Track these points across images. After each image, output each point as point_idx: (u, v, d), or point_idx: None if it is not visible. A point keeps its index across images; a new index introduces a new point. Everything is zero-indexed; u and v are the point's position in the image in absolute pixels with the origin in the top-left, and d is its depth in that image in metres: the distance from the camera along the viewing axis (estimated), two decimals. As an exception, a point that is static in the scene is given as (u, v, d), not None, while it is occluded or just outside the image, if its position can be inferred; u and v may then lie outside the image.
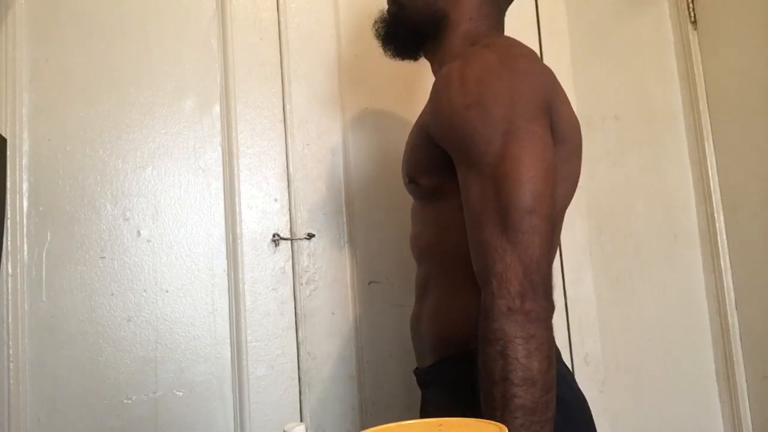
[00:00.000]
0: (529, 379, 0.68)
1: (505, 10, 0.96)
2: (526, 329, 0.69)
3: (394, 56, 1.02)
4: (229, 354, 1.22)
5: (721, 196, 1.56)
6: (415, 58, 1.01)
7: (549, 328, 0.71)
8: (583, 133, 0.90)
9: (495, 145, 0.73)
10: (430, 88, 0.85)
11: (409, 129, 1.23)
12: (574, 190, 0.89)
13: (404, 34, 0.97)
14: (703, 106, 1.58)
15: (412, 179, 0.91)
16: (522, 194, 0.71)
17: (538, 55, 1.51)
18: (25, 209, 1.14)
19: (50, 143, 1.16)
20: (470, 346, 0.75)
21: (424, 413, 0.91)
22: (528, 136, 0.73)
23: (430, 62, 0.99)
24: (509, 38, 0.89)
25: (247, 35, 1.30)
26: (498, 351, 0.69)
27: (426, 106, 0.90)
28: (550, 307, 0.71)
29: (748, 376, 1.50)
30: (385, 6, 1.01)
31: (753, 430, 1.49)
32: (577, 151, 0.87)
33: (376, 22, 1.01)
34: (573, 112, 0.87)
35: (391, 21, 0.99)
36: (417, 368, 0.93)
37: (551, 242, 0.73)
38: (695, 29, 1.61)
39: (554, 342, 0.73)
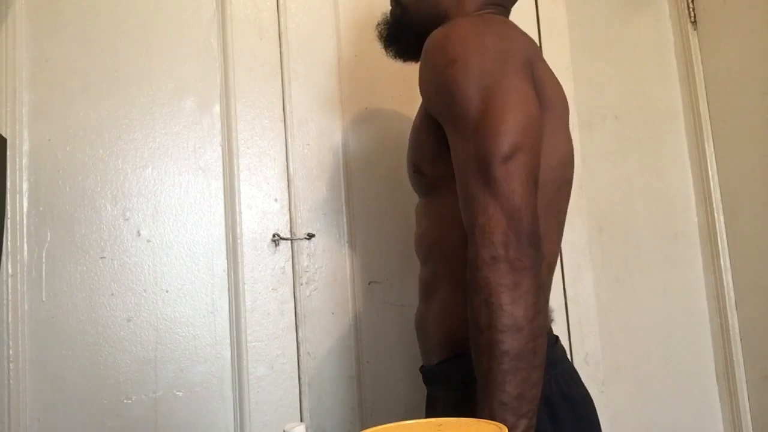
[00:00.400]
0: (513, 326, 0.68)
1: (510, 9, 0.96)
2: (511, 277, 0.69)
3: (396, 57, 1.02)
4: (229, 354, 1.22)
5: (721, 196, 1.56)
6: (416, 60, 1.01)
7: (536, 276, 0.70)
8: (583, 133, 0.91)
9: (476, 100, 0.74)
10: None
11: (408, 128, 1.23)
12: (570, 166, 0.88)
13: (407, 35, 0.97)
14: (703, 106, 1.59)
15: (416, 168, 0.91)
16: (500, 143, 0.71)
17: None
18: (25, 209, 1.14)
19: (50, 143, 1.16)
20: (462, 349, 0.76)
21: (431, 411, 0.91)
22: (509, 88, 0.74)
23: None
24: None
25: (247, 35, 1.30)
26: (483, 299, 0.69)
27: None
28: (537, 256, 0.71)
29: (748, 376, 1.50)
30: (387, 8, 1.01)
31: (753, 430, 1.49)
32: (563, 119, 0.87)
33: (379, 24, 1.01)
34: (557, 80, 0.87)
35: (393, 23, 0.99)
36: (423, 366, 0.93)
37: (534, 192, 0.72)
38: (695, 29, 1.61)
39: (543, 290, 0.72)
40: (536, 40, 1.53)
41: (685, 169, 1.62)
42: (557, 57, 1.52)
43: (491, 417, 0.68)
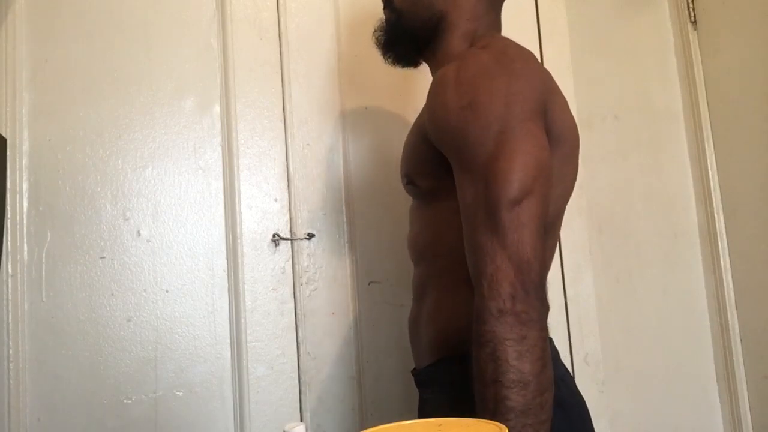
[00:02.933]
0: (520, 381, 0.67)
1: (500, 7, 0.96)
2: (517, 331, 0.68)
3: (394, 64, 1.02)
4: (229, 354, 1.22)
5: (721, 196, 1.56)
6: (416, 65, 1.01)
7: (542, 329, 0.70)
8: (583, 133, 0.90)
9: (488, 146, 0.73)
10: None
11: (408, 129, 1.23)
12: (571, 192, 0.89)
13: (404, 40, 0.96)
14: (703, 106, 1.59)
15: (410, 180, 0.91)
16: (510, 191, 0.70)
17: (538, 55, 1.51)
18: (25, 209, 1.14)
19: (50, 143, 1.16)
20: (468, 346, 0.75)
21: (422, 413, 0.91)
22: (521, 135, 0.73)
23: (429, 66, 0.99)
24: (506, 39, 0.89)
25: (247, 35, 1.30)
26: (489, 353, 0.68)
27: (424, 108, 0.90)
28: (544, 309, 0.71)
29: (748, 376, 1.50)
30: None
31: (753, 430, 1.49)
32: (573, 153, 0.87)
33: (375, 30, 1.01)
34: (570, 114, 0.86)
35: (389, 29, 0.98)
36: (414, 369, 0.93)
37: (543, 242, 0.72)
38: (695, 29, 1.61)
39: (549, 344, 0.72)
40: (536, 40, 1.54)
41: (685, 169, 1.62)
42: (557, 57, 1.52)
43: None
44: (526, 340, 0.68)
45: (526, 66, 0.80)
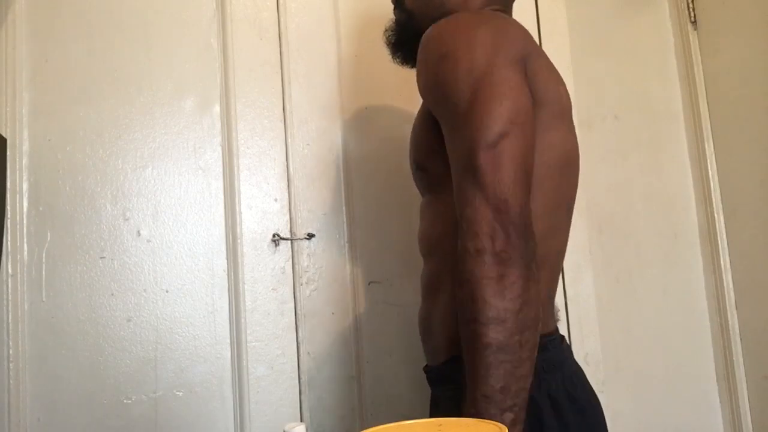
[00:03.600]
0: (496, 318, 0.67)
1: (511, 6, 0.95)
2: (496, 269, 0.68)
3: (403, 64, 1.02)
4: (229, 354, 1.22)
5: (721, 196, 1.56)
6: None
7: (524, 267, 0.69)
8: (583, 133, 0.90)
9: (465, 93, 0.73)
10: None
11: (409, 128, 1.23)
12: (573, 164, 0.86)
13: (415, 40, 0.94)
14: (703, 106, 1.59)
15: (419, 165, 0.90)
16: (486, 135, 0.70)
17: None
18: (25, 209, 1.14)
19: (50, 143, 1.16)
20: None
21: (435, 411, 0.91)
22: (497, 80, 0.73)
23: None
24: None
25: (247, 35, 1.30)
26: (467, 292, 0.69)
27: None
28: (527, 247, 0.70)
29: (748, 376, 1.50)
30: (387, 9, 1.00)
31: (753, 430, 1.49)
32: (562, 116, 0.84)
33: (386, 30, 1.01)
34: (556, 78, 0.85)
35: (400, 29, 0.98)
36: (427, 366, 0.92)
37: (525, 184, 0.71)
38: (695, 29, 1.61)
39: (534, 283, 0.71)
40: (536, 40, 1.53)
41: (685, 169, 1.62)
42: (557, 57, 1.51)
43: (475, 410, 0.68)
44: (504, 278, 0.68)
45: (510, 23, 0.81)
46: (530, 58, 0.79)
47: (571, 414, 0.79)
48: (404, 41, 0.98)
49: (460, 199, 0.73)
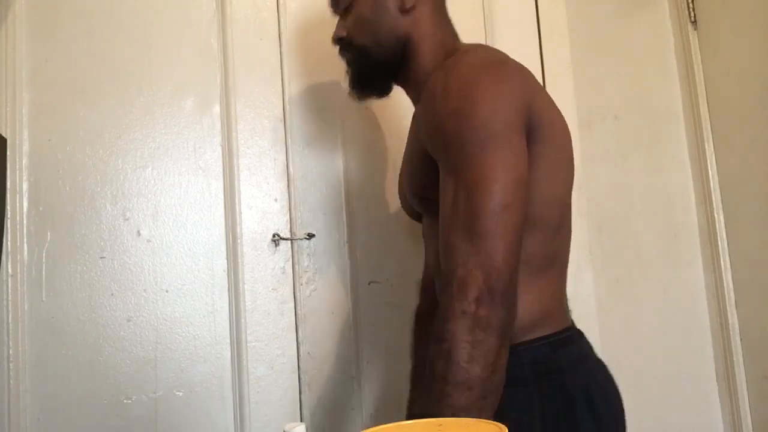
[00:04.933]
0: (464, 383, 0.70)
1: (448, 14, 0.98)
2: (474, 335, 0.70)
3: (379, 97, 1.03)
4: (229, 354, 1.22)
5: (721, 196, 1.56)
6: (388, 93, 1.04)
7: (500, 337, 0.72)
8: (583, 133, 0.91)
9: (470, 152, 0.76)
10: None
11: (407, 130, 1.23)
12: (566, 188, 0.89)
13: (378, 72, 0.98)
14: (703, 106, 1.58)
15: (422, 195, 0.91)
16: (490, 202, 0.73)
17: (538, 55, 1.51)
18: (25, 209, 1.14)
19: (50, 143, 1.16)
20: (515, 340, 0.78)
21: None
22: (502, 144, 0.76)
23: (405, 89, 1.01)
24: (482, 45, 0.92)
25: (247, 35, 1.30)
26: (444, 350, 0.71)
27: (413, 124, 0.95)
28: (508, 317, 0.72)
29: (748, 376, 1.50)
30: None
31: (753, 430, 1.49)
32: (563, 150, 0.88)
33: (349, 85, 1.02)
34: (556, 112, 0.88)
35: (359, 69, 0.99)
36: None
37: (517, 253, 0.74)
38: (695, 29, 1.61)
39: (505, 349, 0.73)
40: (536, 40, 1.53)
41: (685, 169, 1.62)
42: (557, 57, 1.52)
43: None
44: (481, 344, 0.70)
45: (509, 71, 0.84)
46: (535, 100, 0.82)
47: (602, 406, 0.83)
48: (370, 77, 0.99)
49: (450, 254, 0.74)
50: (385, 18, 0.93)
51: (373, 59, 0.96)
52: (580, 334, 0.90)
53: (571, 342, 0.86)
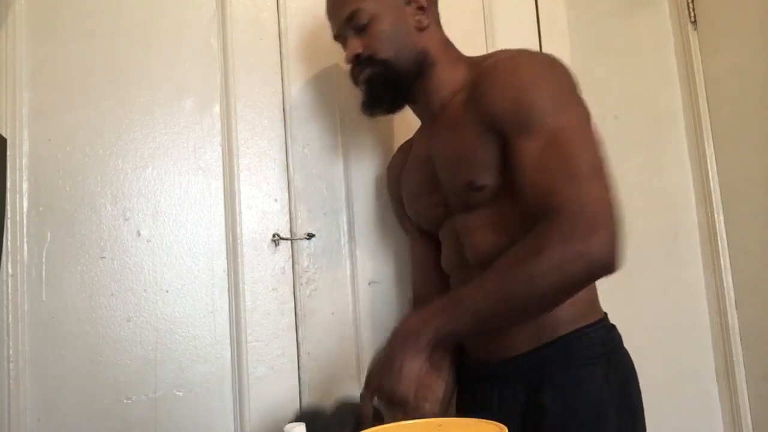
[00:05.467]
0: (529, 281, 0.84)
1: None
2: (566, 267, 0.82)
3: (388, 113, 1.11)
4: (229, 354, 1.22)
5: (721, 196, 1.56)
6: (398, 110, 1.11)
7: (585, 273, 0.85)
8: (582, 133, 0.93)
9: (553, 115, 0.88)
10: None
11: (408, 129, 1.23)
12: None
13: (402, 84, 1.04)
14: (703, 106, 1.59)
15: (473, 183, 0.95)
16: (589, 156, 0.87)
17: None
18: (25, 209, 1.14)
19: (50, 143, 1.16)
20: (579, 323, 0.96)
21: (501, 411, 0.99)
22: (578, 110, 0.92)
23: (413, 107, 1.09)
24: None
25: (247, 35, 1.30)
26: (545, 260, 0.82)
27: (427, 139, 1.04)
28: (608, 254, 0.83)
29: (748, 376, 1.50)
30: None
31: (753, 430, 1.49)
32: None
33: (363, 101, 1.08)
34: None
35: (381, 81, 1.04)
36: (477, 361, 1.01)
37: (614, 198, 0.86)
38: (695, 29, 1.61)
39: (582, 284, 0.89)
40: (536, 40, 1.54)
41: (685, 169, 1.62)
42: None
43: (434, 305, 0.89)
44: (567, 270, 0.83)
45: (555, 60, 0.98)
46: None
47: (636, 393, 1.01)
48: (391, 90, 1.05)
49: (555, 196, 0.84)
50: (406, 34, 1.02)
51: (396, 71, 1.02)
52: (613, 326, 1.05)
53: (612, 325, 1.03)
